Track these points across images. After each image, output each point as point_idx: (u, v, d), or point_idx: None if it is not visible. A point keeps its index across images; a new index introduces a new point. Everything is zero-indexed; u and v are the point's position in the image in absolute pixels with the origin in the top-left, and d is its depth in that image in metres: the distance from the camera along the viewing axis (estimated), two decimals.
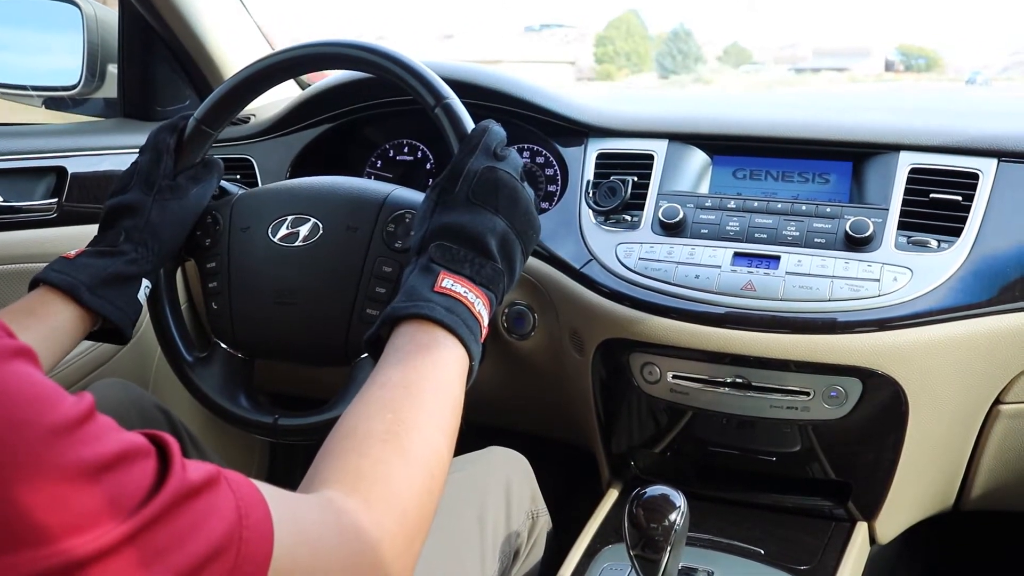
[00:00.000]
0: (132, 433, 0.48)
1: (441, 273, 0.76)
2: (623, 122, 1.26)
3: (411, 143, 1.46)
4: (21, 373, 0.44)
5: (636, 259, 1.11)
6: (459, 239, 0.79)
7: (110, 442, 0.45)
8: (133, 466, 0.46)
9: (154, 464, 0.47)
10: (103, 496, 0.43)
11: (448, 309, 0.74)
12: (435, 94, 0.90)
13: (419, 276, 0.77)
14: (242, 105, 1.02)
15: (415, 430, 0.65)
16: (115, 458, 0.45)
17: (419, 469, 0.63)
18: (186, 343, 1.04)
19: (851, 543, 1.13)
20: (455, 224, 0.79)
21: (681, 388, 1.11)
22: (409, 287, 0.76)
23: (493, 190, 0.81)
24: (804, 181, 1.17)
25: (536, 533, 1.11)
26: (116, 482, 0.44)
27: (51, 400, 0.44)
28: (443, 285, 0.75)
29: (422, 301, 0.74)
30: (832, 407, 1.06)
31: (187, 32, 1.46)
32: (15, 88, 1.52)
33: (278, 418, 0.97)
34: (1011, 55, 21.06)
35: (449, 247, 0.78)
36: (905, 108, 1.45)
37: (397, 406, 0.66)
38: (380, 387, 0.68)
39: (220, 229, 1.01)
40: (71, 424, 0.44)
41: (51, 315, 0.88)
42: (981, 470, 1.17)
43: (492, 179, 0.82)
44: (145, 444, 0.48)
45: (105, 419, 0.47)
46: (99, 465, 0.44)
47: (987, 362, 1.06)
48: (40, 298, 0.89)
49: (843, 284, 1.03)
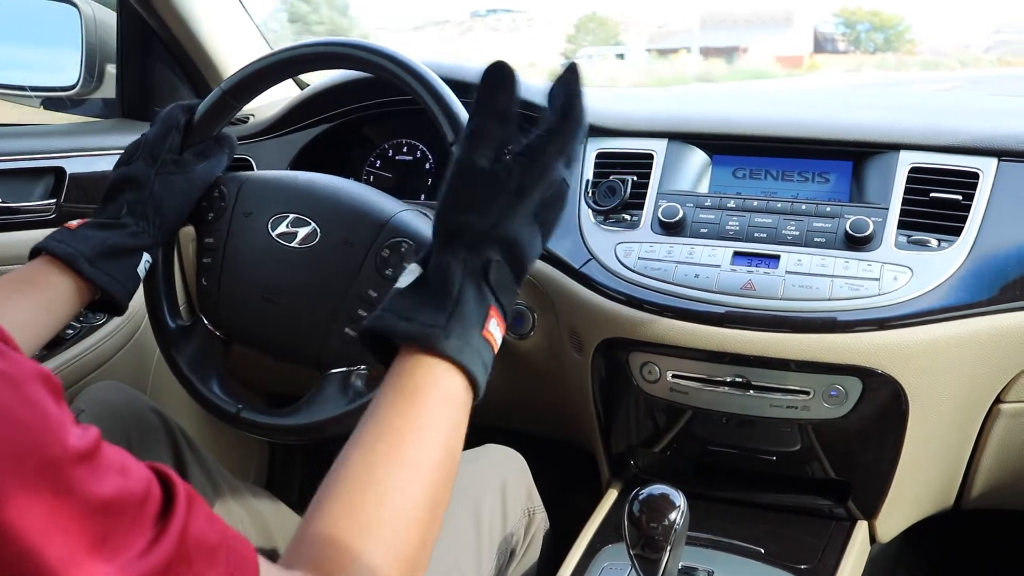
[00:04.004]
0: (138, 472, 0.47)
1: (491, 309, 0.67)
2: (622, 121, 1.26)
3: (410, 143, 1.46)
4: (33, 400, 0.43)
5: (636, 258, 1.11)
6: (513, 259, 0.70)
7: (109, 484, 0.44)
8: (129, 513, 0.45)
9: (154, 512, 0.46)
10: (91, 538, 0.42)
11: (484, 364, 0.66)
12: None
13: (473, 298, 0.66)
14: (270, 84, 1.03)
15: (411, 509, 0.60)
16: (111, 501, 0.44)
17: (410, 549, 0.59)
18: (172, 310, 1.04)
19: (851, 542, 1.13)
20: (519, 242, 0.69)
21: (681, 387, 1.11)
22: (464, 311, 0.65)
23: (557, 211, 0.73)
24: (804, 180, 1.17)
25: (533, 531, 1.11)
26: (108, 527, 0.43)
27: (56, 431, 0.43)
28: (489, 329, 0.67)
29: (472, 351, 0.65)
30: (832, 406, 1.06)
31: (186, 33, 1.46)
32: (13, 88, 1.52)
33: (241, 409, 0.98)
34: (994, 34, 17.27)
35: (506, 269, 0.69)
36: (905, 107, 1.44)
37: (400, 477, 0.60)
38: (389, 439, 0.62)
39: (224, 207, 1.01)
40: (71, 458, 0.43)
41: (50, 285, 0.88)
42: (981, 469, 1.17)
43: (561, 196, 0.72)
44: (145, 491, 0.46)
45: (111, 456, 0.46)
46: (94, 506, 0.43)
47: (987, 361, 1.06)
48: (40, 267, 0.89)
49: (843, 283, 1.03)
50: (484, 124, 0.71)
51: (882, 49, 9.37)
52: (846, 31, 10.57)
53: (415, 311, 0.65)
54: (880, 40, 10.20)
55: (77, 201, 1.31)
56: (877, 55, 8.38)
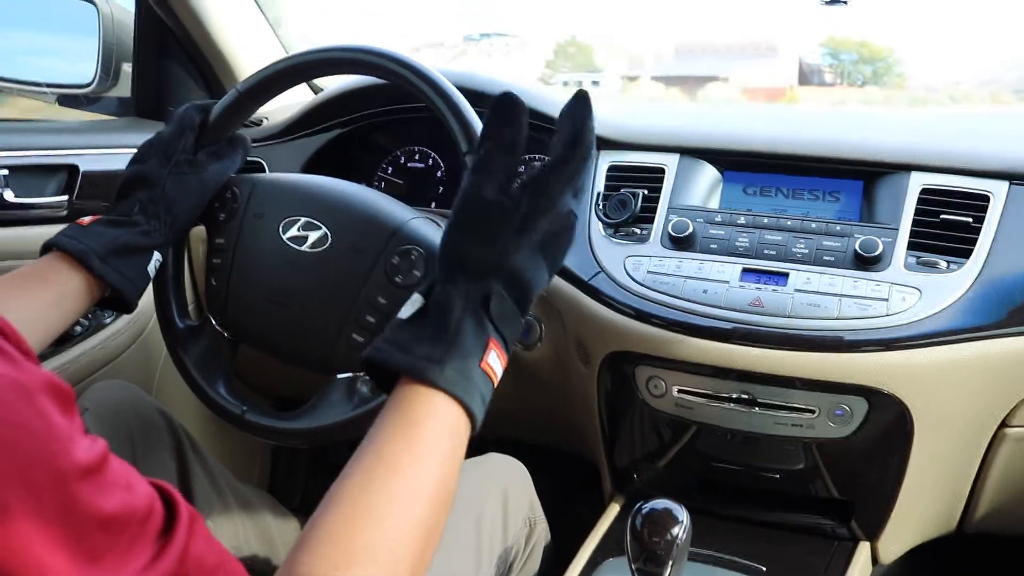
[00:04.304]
0: (142, 488, 0.47)
1: (490, 341, 0.67)
2: (634, 135, 1.26)
3: (422, 150, 1.46)
4: (42, 410, 0.43)
5: (645, 272, 1.11)
6: (516, 291, 0.69)
7: (113, 499, 0.44)
8: (131, 530, 0.45)
9: (156, 530, 0.46)
10: (92, 553, 0.43)
11: (482, 398, 0.66)
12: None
13: (472, 331, 0.66)
14: (286, 87, 1.03)
15: (406, 535, 0.59)
16: (114, 517, 0.44)
17: (403, 574, 0.58)
18: (180, 310, 1.05)
19: (853, 563, 1.12)
20: (523, 274, 0.69)
21: (686, 403, 1.11)
22: (461, 344, 0.65)
23: (565, 243, 0.73)
24: (814, 199, 1.17)
25: (533, 541, 1.11)
26: (110, 543, 0.43)
27: (63, 443, 0.43)
28: (488, 361, 0.66)
29: (468, 383, 0.65)
30: (837, 425, 1.06)
31: (202, 33, 1.47)
32: (30, 85, 1.52)
33: (247, 411, 0.98)
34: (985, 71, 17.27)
35: (508, 301, 0.69)
36: (917, 128, 1.44)
37: (395, 504, 0.60)
38: (386, 466, 0.62)
39: (236, 208, 1.02)
40: (77, 472, 0.43)
41: (61, 281, 0.88)
42: (985, 493, 1.17)
43: (569, 228, 0.72)
44: (148, 508, 0.46)
45: (117, 470, 0.46)
46: (97, 520, 0.43)
47: (994, 385, 1.06)
48: (51, 263, 0.89)
49: (851, 303, 1.03)
50: (492, 155, 0.71)
51: (870, 82, 8.94)
52: (833, 62, 10.08)
53: (412, 343, 0.65)
54: (868, 72, 9.68)
55: (90, 198, 1.31)
56: (866, 88, 8.02)
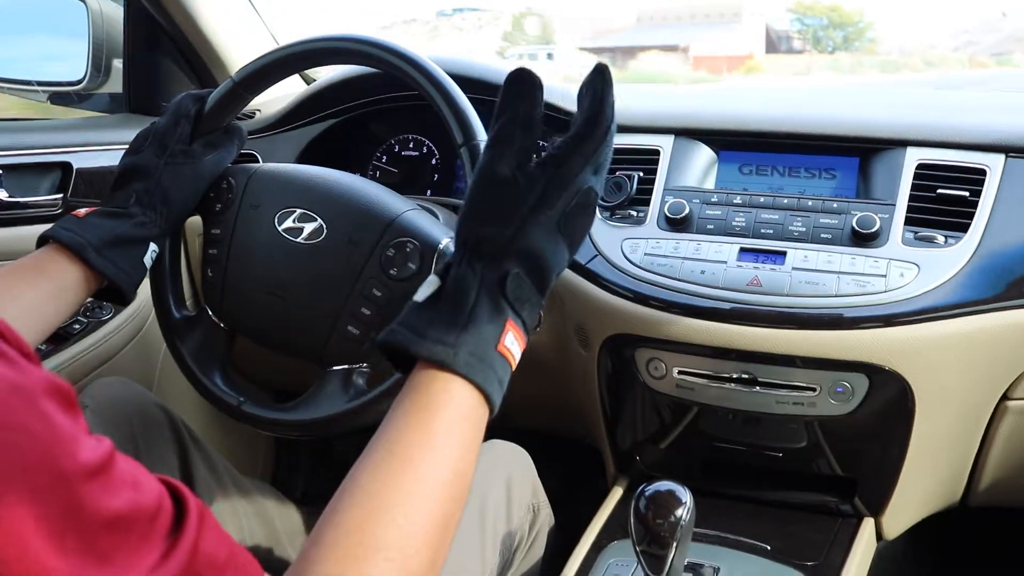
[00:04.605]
0: (150, 485, 0.46)
1: (508, 323, 0.65)
2: (629, 117, 1.25)
3: (416, 139, 1.46)
4: (44, 412, 0.43)
5: (642, 254, 1.11)
6: (534, 271, 0.67)
7: (121, 498, 0.44)
8: (140, 528, 0.45)
9: (165, 527, 0.46)
10: (101, 554, 0.42)
11: (500, 381, 0.65)
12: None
13: (488, 313, 0.64)
14: (282, 77, 1.03)
15: (421, 527, 0.59)
16: (122, 516, 0.44)
17: (419, 567, 0.58)
18: (177, 301, 1.05)
19: (858, 539, 1.12)
20: (541, 253, 0.67)
21: (687, 384, 1.11)
22: (477, 326, 0.64)
23: (585, 221, 0.70)
24: (810, 176, 1.17)
25: (537, 526, 1.11)
26: (119, 542, 0.43)
27: (67, 444, 0.43)
28: (505, 344, 0.65)
29: (485, 367, 0.64)
30: (838, 403, 1.06)
31: (193, 28, 1.46)
32: (20, 83, 1.52)
33: (243, 402, 0.98)
34: (962, 33, 16.01)
35: (526, 281, 0.67)
36: (912, 104, 1.44)
37: (410, 495, 0.59)
38: (400, 455, 0.60)
39: (232, 199, 1.01)
40: (82, 473, 0.43)
41: (58, 273, 0.88)
42: (988, 466, 1.17)
43: (589, 206, 0.70)
44: (156, 505, 0.46)
45: (124, 469, 0.46)
46: (105, 521, 0.43)
47: (994, 358, 1.06)
48: (47, 256, 0.89)
49: (849, 280, 1.03)
50: (507, 131, 0.69)
51: (841, 48, 8.39)
52: (802, 28, 9.40)
53: (428, 326, 0.64)
54: (839, 38, 9.10)
55: (84, 196, 1.31)
56: (836, 55, 7.39)
